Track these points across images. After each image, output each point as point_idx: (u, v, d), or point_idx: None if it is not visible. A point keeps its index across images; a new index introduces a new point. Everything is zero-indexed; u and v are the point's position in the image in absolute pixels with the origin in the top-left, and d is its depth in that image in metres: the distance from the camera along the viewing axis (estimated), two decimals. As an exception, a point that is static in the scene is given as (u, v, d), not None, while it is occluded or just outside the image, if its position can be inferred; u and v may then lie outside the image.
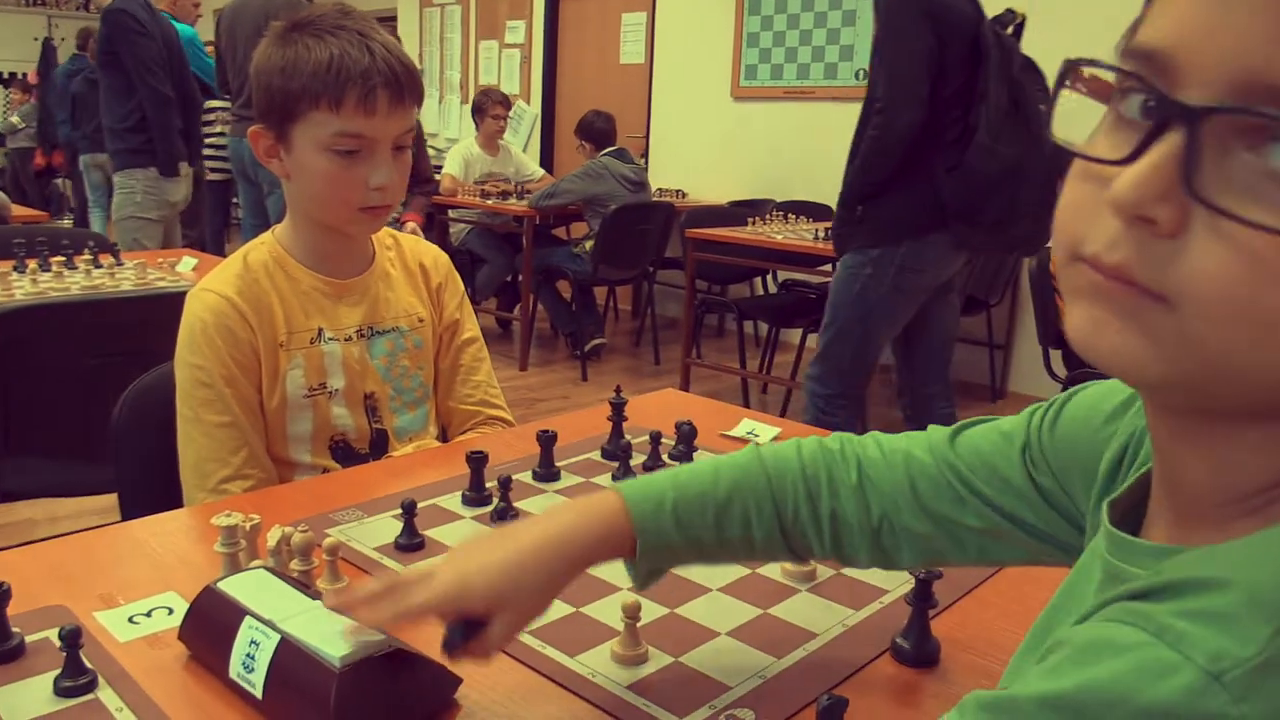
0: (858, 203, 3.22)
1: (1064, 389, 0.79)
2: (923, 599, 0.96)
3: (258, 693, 0.85)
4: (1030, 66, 3.19)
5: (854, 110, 3.30)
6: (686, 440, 1.47)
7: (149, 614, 1.03)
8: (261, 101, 1.43)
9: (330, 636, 0.85)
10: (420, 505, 1.24)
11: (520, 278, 5.76)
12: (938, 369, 3.68)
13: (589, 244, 5.56)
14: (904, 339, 3.66)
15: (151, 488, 1.48)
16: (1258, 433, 0.51)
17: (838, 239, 3.33)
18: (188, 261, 3.24)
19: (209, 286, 1.47)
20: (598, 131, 5.76)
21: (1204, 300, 0.46)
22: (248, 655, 0.87)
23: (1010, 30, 3.20)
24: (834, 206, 3.35)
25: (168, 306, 1.46)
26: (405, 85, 1.41)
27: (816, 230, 4.79)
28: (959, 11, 3.06)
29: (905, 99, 3.00)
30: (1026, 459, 0.79)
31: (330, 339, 1.51)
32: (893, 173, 3.11)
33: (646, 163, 7.11)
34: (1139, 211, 0.47)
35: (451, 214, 6.12)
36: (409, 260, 1.68)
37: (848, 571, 1.18)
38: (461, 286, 1.74)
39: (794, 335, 5.54)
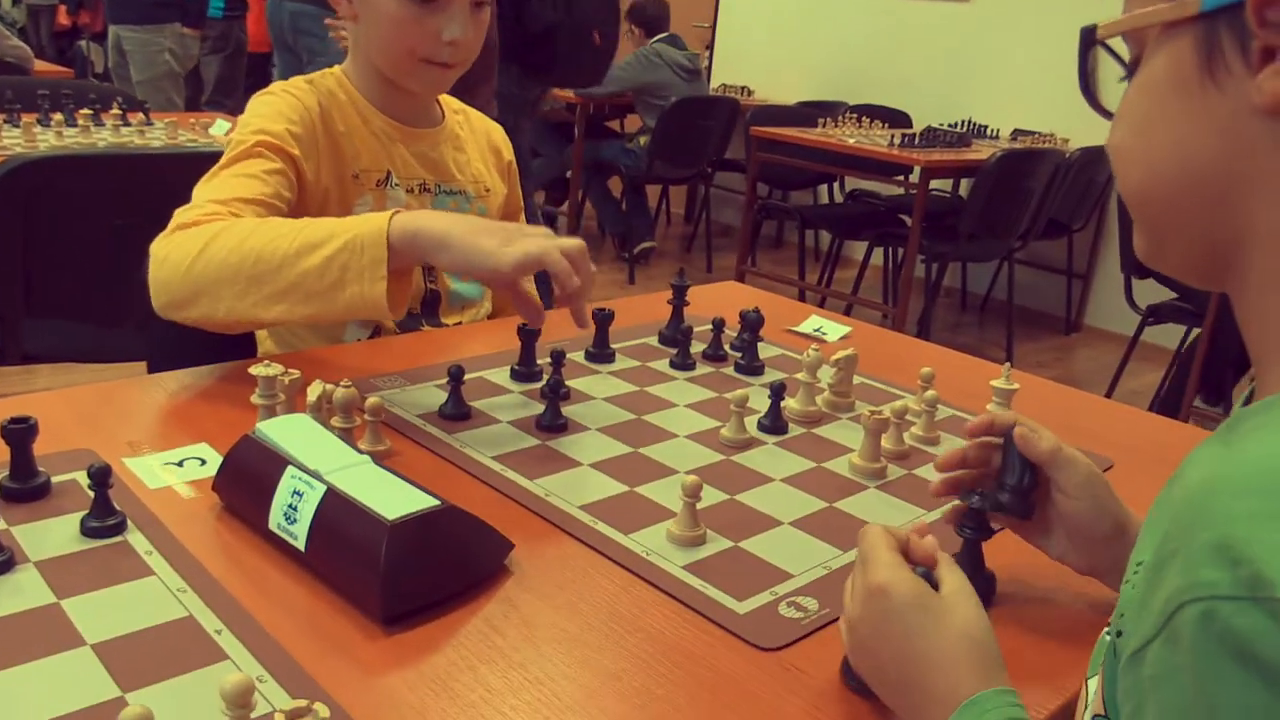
0: None
1: (1142, 324, 0.77)
2: (976, 528, 0.92)
3: (300, 545, 0.86)
4: None
5: (938, 11, 3.19)
6: (752, 328, 1.45)
7: (180, 463, 1.03)
8: None
9: (380, 493, 0.85)
10: (469, 377, 1.24)
11: (570, 173, 5.72)
12: None
13: (644, 139, 5.49)
14: None
15: (183, 354, 1.49)
16: None
17: None
18: (221, 125, 3.23)
19: (273, 89, 1.45)
20: (650, 17, 5.63)
21: None
22: (290, 506, 0.87)
23: None
24: (912, 112, 3.27)
25: (201, 168, 1.45)
26: None
27: (892, 136, 4.68)
28: None
29: None
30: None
31: (397, 185, 1.50)
32: None
33: (711, 56, 6.97)
34: None
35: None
36: (478, 131, 1.67)
37: (920, 471, 1.18)
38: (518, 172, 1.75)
39: (858, 249, 5.47)
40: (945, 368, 1.52)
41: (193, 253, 1.20)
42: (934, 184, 4.86)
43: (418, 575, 0.83)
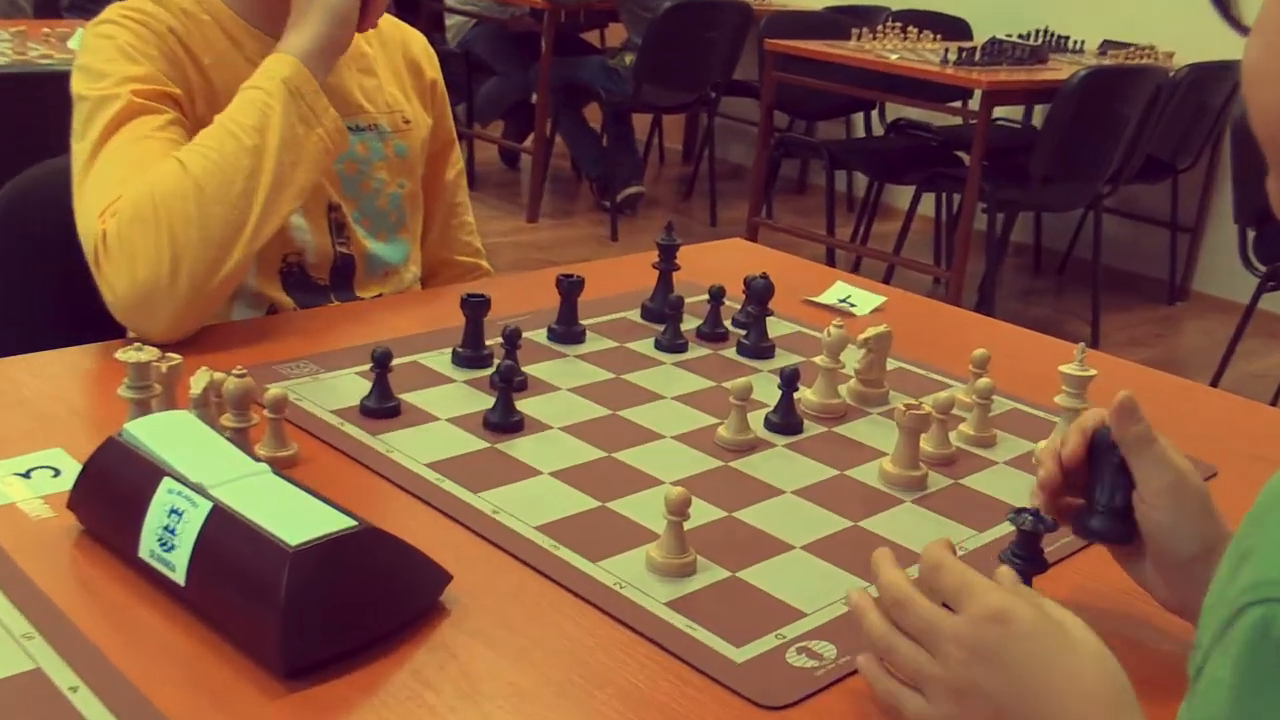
0: None
1: (1260, 289, 0.78)
2: (1030, 559, 0.93)
3: (178, 577, 0.87)
4: None
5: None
6: (759, 299, 1.46)
7: (28, 474, 1.04)
8: None
9: (281, 511, 0.86)
10: (397, 363, 1.25)
11: (536, 99, 5.70)
12: None
13: (629, 57, 5.48)
14: None
15: (30, 332, 1.48)
16: None
17: None
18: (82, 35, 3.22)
19: (112, 17, 1.46)
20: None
21: None
22: (166, 529, 0.88)
23: None
24: (971, 20, 3.28)
25: (56, 88, 1.44)
26: None
27: (946, 51, 4.68)
28: None
29: None
30: None
31: None
32: None
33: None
34: None
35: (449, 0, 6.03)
36: (391, 44, 1.67)
37: (969, 481, 1.19)
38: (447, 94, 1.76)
39: (902, 196, 5.48)
40: (1008, 348, 1.53)
41: (164, 245, 1.29)
42: (999, 112, 4.86)
43: (328, 615, 0.83)
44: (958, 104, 5.14)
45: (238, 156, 1.34)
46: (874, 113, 6.00)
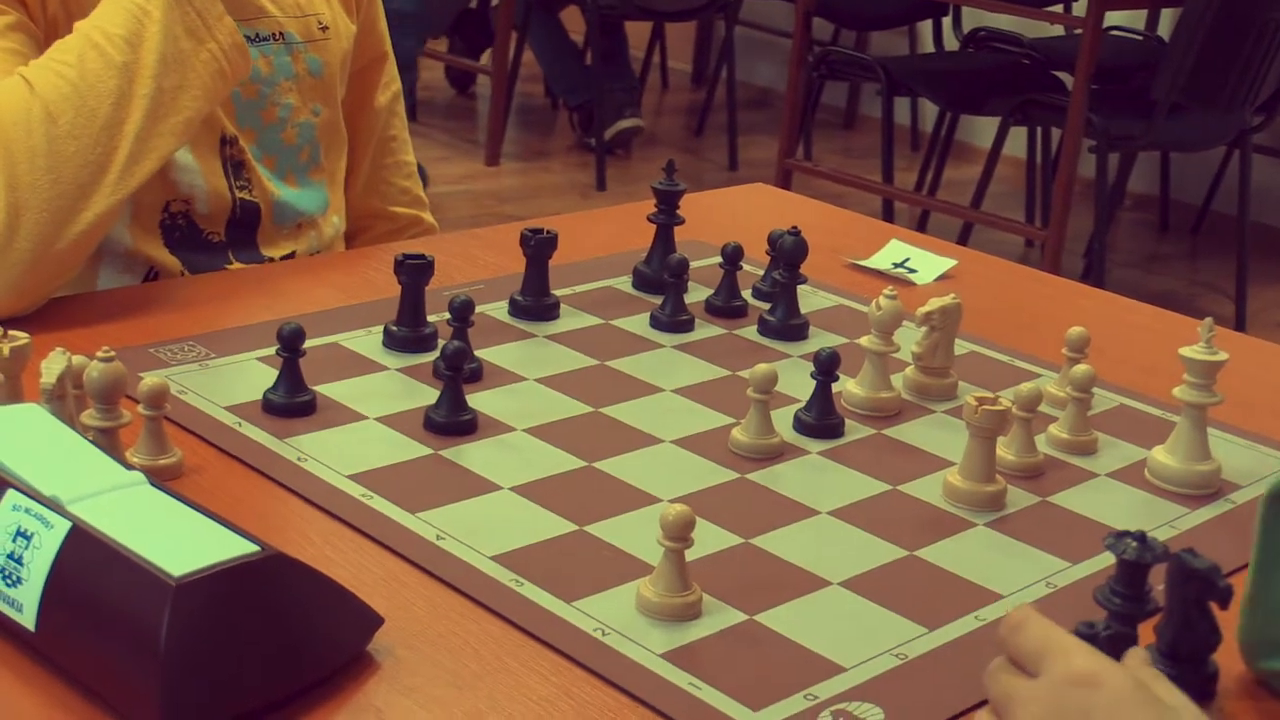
0: None
1: None
2: (1133, 597, 0.95)
3: (26, 620, 0.88)
4: None
5: None
6: (788, 262, 1.47)
7: None
8: None
9: (161, 534, 0.88)
10: (311, 344, 1.26)
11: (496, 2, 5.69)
12: None
13: (619, -58, 5.49)
14: None
15: None
16: None
17: None
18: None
19: None
20: None
21: None
22: (10, 558, 0.89)
23: None
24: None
25: None
26: None
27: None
28: None
29: None
30: None
31: None
32: None
33: None
34: None
35: None
36: None
37: (1056, 499, 1.21)
38: None
39: (984, 130, 5.48)
40: (1119, 327, 1.56)
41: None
42: (1112, 18, 4.87)
43: (222, 668, 0.84)
44: (1058, 7, 5.14)
45: (102, 76, 1.35)
46: (945, 20, 5.99)
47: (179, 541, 0.87)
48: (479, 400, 1.26)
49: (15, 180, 1.31)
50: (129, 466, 0.97)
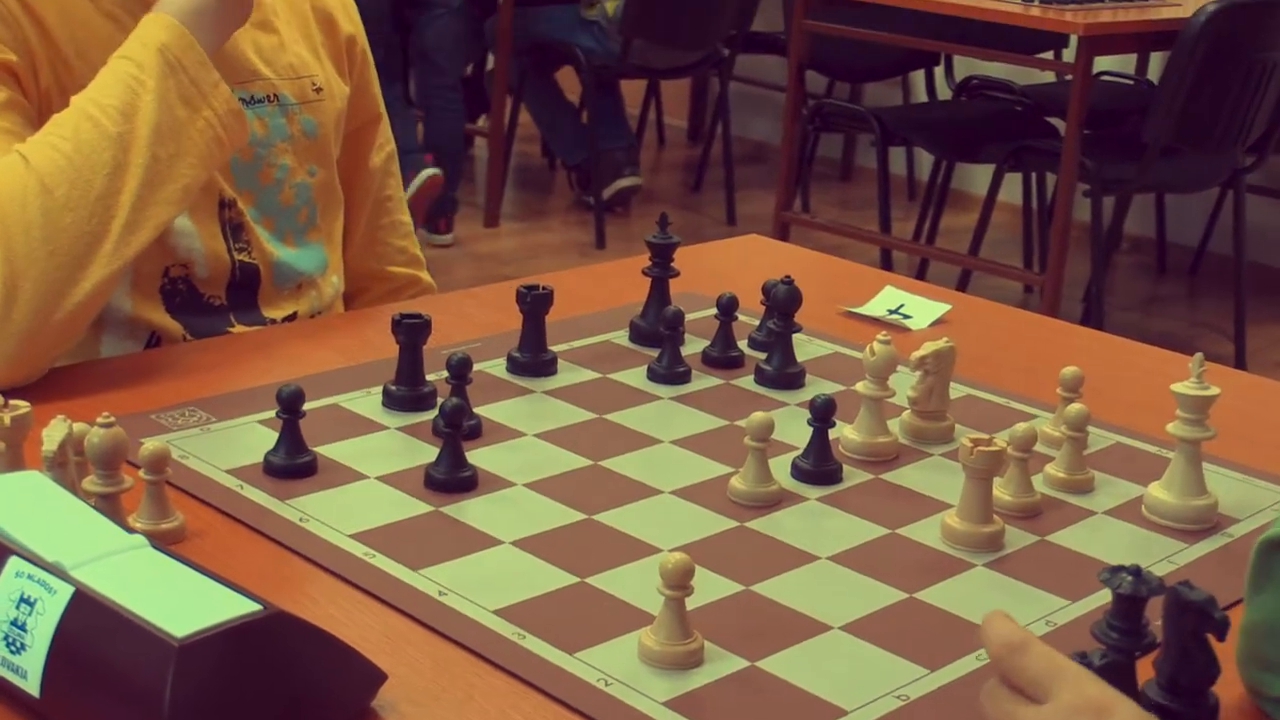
0: None
1: None
2: (1129, 632, 0.95)
3: (31, 687, 0.89)
4: None
5: None
6: (782, 310, 1.48)
7: None
8: None
9: (164, 596, 0.88)
10: (311, 406, 1.27)
11: (493, 61, 5.71)
12: None
13: (612, 4, 5.51)
14: None
15: None
16: None
17: None
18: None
19: None
20: None
21: None
22: (14, 625, 0.90)
23: None
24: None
25: None
26: None
27: (1029, -15, 4.72)
28: None
29: None
30: None
31: None
32: None
33: None
34: None
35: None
36: None
37: (1055, 537, 1.22)
38: (371, 56, 1.80)
39: (979, 178, 5.50)
40: (1115, 367, 1.56)
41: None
42: (1102, 64, 4.89)
43: (228, 728, 0.85)
44: (1048, 54, 5.16)
45: (97, 148, 1.37)
46: (938, 70, 6.02)
47: (182, 602, 0.88)
48: (478, 457, 1.27)
49: (12, 253, 1.32)
50: (130, 531, 0.97)
